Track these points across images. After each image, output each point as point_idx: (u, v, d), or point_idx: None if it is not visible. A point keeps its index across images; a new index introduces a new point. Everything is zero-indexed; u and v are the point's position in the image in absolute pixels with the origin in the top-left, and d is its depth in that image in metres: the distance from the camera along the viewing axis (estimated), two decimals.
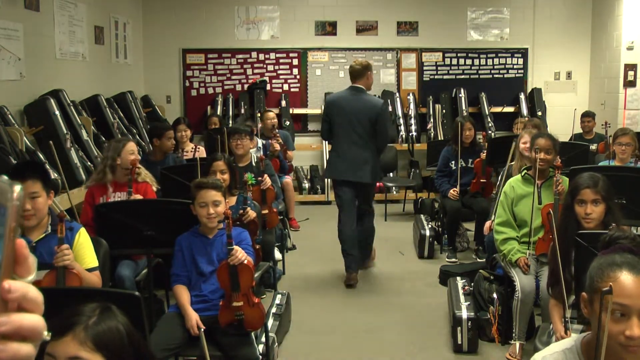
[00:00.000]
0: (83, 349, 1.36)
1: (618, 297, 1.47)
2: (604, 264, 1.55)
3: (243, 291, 2.94)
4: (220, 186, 3.20)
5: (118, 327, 1.42)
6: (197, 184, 3.18)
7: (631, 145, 4.76)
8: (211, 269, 3.05)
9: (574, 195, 2.99)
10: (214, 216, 3.08)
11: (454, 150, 5.79)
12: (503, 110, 8.91)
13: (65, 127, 5.17)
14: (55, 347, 1.36)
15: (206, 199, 3.09)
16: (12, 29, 5.04)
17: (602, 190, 2.94)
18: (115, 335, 1.41)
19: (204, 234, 3.15)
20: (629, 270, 1.50)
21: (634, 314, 1.46)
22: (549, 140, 3.90)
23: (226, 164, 4.04)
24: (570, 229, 2.94)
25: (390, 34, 8.92)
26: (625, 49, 8.09)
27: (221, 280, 2.95)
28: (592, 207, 2.94)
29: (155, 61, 8.75)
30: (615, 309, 1.48)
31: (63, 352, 1.36)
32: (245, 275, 2.94)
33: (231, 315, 2.93)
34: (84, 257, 2.78)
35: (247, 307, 2.94)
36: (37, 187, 2.67)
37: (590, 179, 2.99)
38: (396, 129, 8.64)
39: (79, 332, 1.37)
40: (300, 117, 8.97)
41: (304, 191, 8.37)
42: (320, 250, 6.15)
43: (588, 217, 2.94)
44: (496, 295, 3.95)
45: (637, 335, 1.44)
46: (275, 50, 8.83)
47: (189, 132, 6.07)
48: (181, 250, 3.13)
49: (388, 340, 4.03)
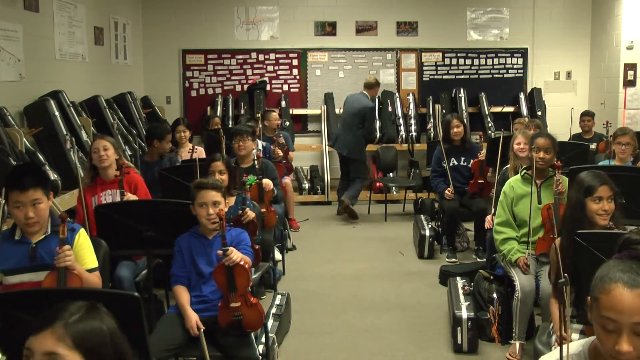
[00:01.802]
0: (60, 345, 1.33)
1: (609, 311, 1.45)
2: (605, 273, 1.52)
3: (240, 292, 2.94)
4: (221, 187, 3.20)
5: (101, 327, 1.39)
6: (197, 184, 3.18)
7: (631, 145, 4.75)
8: (210, 270, 3.05)
9: (589, 192, 2.98)
10: (213, 217, 3.07)
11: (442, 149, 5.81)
12: (503, 110, 8.91)
13: (65, 128, 5.17)
14: (33, 342, 1.34)
15: (206, 199, 3.09)
16: (12, 30, 5.04)
17: (615, 187, 2.99)
18: (97, 335, 1.38)
19: (204, 234, 3.14)
20: (625, 285, 1.46)
21: (624, 330, 1.43)
22: (547, 140, 3.90)
23: (225, 164, 4.05)
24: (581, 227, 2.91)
25: (390, 34, 8.92)
26: (625, 49, 8.09)
27: (218, 282, 2.96)
28: (609, 204, 2.97)
29: (155, 62, 8.76)
30: (606, 322, 1.46)
31: (39, 346, 1.33)
32: (241, 276, 2.94)
33: (230, 316, 2.93)
34: (84, 258, 2.78)
35: (245, 308, 2.94)
36: (38, 194, 2.67)
37: (601, 177, 3.01)
38: (396, 129, 8.65)
39: (58, 327, 1.35)
40: (300, 118, 8.97)
41: (304, 191, 8.37)
42: (320, 250, 6.15)
43: (605, 214, 2.96)
44: (496, 295, 3.95)
45: (625, 351, 1.42)
46: (275, 50, 8.84)
47: (188, 133, 6.08)
48: (180, 251, 3.13)
49: (388, 340, 4.03)
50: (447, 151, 5.80)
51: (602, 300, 1.47)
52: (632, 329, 1.43)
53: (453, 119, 5.87)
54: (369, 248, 6.20)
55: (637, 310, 1.43)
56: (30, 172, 2.76)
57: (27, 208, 2.65)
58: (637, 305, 1.43)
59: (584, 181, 3.03)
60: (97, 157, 3.90)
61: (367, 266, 5.60)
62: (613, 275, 1.48)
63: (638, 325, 1.43)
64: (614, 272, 1.49)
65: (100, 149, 3.92)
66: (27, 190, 2.63)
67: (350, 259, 5.85)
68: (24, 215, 2.65)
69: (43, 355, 1.33)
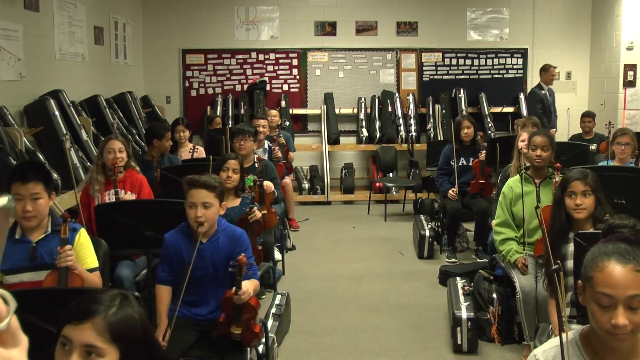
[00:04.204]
0: (99, 339, 1.36)
1: (604, 287, 1.51)
2: (596, 253, 1.59)
3: (243, 322, 2.81)
4: (215, 186, 2.92)
5: (134, 316, 1.43)
6: (188, 180, 2.92)
7: (630, 145, 4.75)
8: (202, 273, 2.90)
9: (564, 188, 3.09)
10: (201, 220, 2.82)
11: (453, 148, 5.81)
12: (503, 110, 8.91)
13: (65, 127, 5.17)
14: (72, 332, 1.37)
15: (196, 199, 2.85)
16: (12, 30, 5.04)
17: (591, 182, 3.04)
18: (132, 325, 1.41)
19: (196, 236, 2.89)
20: (617, 260, 1.53)
21: (619, 304, 1.49)
22: (544, 137, 3.91)
23: (239, 164, 4.04)
24: (559, 222, 3.04)
25: (390, 34, 8.92)
26: (625, 49, 8.10)
27: (225, 307, 2.81)
28: (582, 199, 3.03)
29: (155, 61, 8.75)
30: (601, 298, 1.52)
31: (80, 338, 1.36)
32: (249, 312, 2.80)
33: (227, 334, 2.81)
34: (84, 258, 2.78)
35: (245, 333, 2.82)
36: (38, 189, 2.68)
37: (579, 172, 3.11)
38: (396, 129, 8.65)
39: (99, 321, 1.37)
40: (299, 118, 8.98)
41: (304, 191, 8.37)
42: (320, 250, 6.15)
43: (578, 208, 3.03)
44: (496, 296, 3.95)
45: (621, 324, 1.48)
46: (274, 50, 8.84)
47: (188, 133, 6.08)
48: (168, 253, 2.96)
49: (388, 340, 4.04)
50: (457, 151, 5.81)
51: (597, 277, 1.54)
52: (626, 302, 1.49)
53: (464, 120, 5.88)
54: (369, 248, 6.20)
55: (630, 284, 1.50)
56: (34, 167, 2.80)
57: (26, 201, 2.66)
58: (630, 279, 1.50)
59: (564, 177, 3.17)
60: (112, 158, 3.90)
61: (367, 266, 5.60)
62: (605, 254, 1.56)
63: (632, 298, 1.49)
64: (606, 252, 1.56)
65: (115, 150, 3.93)
66: (27, 182, 2.65)
67: (350, 259, 5.85)
68: (22, 208, 2.66)
69: (82, 346, 1.36)
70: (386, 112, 8.70)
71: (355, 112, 8.89)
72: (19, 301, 0.73)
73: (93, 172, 4.02)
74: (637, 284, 1.50)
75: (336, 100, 8.86)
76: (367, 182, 8.82)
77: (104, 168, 3.98)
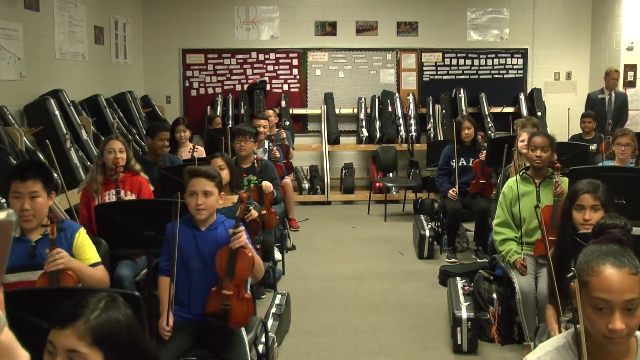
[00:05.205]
0: (80, 343, 1.35)
1: (600, 292, 1.51)
2: (590, 257, 1.57)
3: (236, 281, 2.83)
4: (214, 176, 3.00)
5: (119, 319, 1.41)
6: (189, 170, 3.01)
7: (631, 146, 4.75)
8: (200, 265, 2.92)
9: (572, 200, 2.92)
10: (202, 207, 2.90)
11: (454, 149, 5.81)
12: (503, 110, 8.92)
13: (65, 127, 5.18)
14: (56, 337, 1.37)
15: (196, 187, 2.91)
16: (12, 29, 5.04)
17: (601, 196, 2.88)
18: (115, 328, 1.40)
19: (197, 225, 2.97)
20: (612, 264, 1.52)
21: (616, 308, 1.50)
22: (544, 138, 3.90)
23: (225, 161, 4.04)
24: (568, 235, 2.86)
25: (390, 34, 8.92)
26: (625, 50, 8.10)
27: (218, 263, 2.84)
28: (591, 214, 2.86)
29: (155, 61, 8.75)
30: (598, 303, 1.51)
31: (62, 343, 1.36)
32: (243, 262, 2.82)
33: (218, 303, 2.82)
34: (85, 255, 2.79)
35: (236, 299, 2.83)
36: (37, 187, 2.67)
37: (590, 184, 2.92)
38: (396, 129, 8.65)
39: (80, 324, 1.37)
40: (299, 117, 8.98)
41: (304, 191, 8.37)
42: (320, 250, 6.15)
43: (587, 224, 2.84)
44: (496, 296, 3.95)
45: (619, 328, 1.48)
46: (275, 50, 8.84)
47: (188, 133, 6.07)
48: (168, 238, 2.98)
49: (388, 340, 4.03)
50: (457, 151, 5.81)
51: (593, 282, 1.53)
52: (622, 306, 1.50)
53: (464, 120, 5.88)
54: (369, 248, 6.20)
55: (627, 289, 1.50)
56: (34, 166, 2.79)
57: (25, 200, 2.65)
58: (626, 283, 1.50)
59: (573, 188, 2.99)
60: (113, 158, 3.90)
61: (367, 266, 5.60)
62: (600, 258, 1.55)
63: (628, 302, 1.49)
64: (600, 255, 1.56)
65: (116, 150, 3.93)
66: (26, 180, 2.65)
67: (350, 259, 5.85)
68: (20, 206, 2.65)
69: (65, 351, 1.36)
70: (386, 112, 8.71)
71: (355, 112, 8.89)
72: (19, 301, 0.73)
73: (93, 171, 4.02)
74: (632, 288, 1.50)
75: (336, 100, 8.86)
76: (367, 182, 8.82)
77: (104, 168, 3.98)
